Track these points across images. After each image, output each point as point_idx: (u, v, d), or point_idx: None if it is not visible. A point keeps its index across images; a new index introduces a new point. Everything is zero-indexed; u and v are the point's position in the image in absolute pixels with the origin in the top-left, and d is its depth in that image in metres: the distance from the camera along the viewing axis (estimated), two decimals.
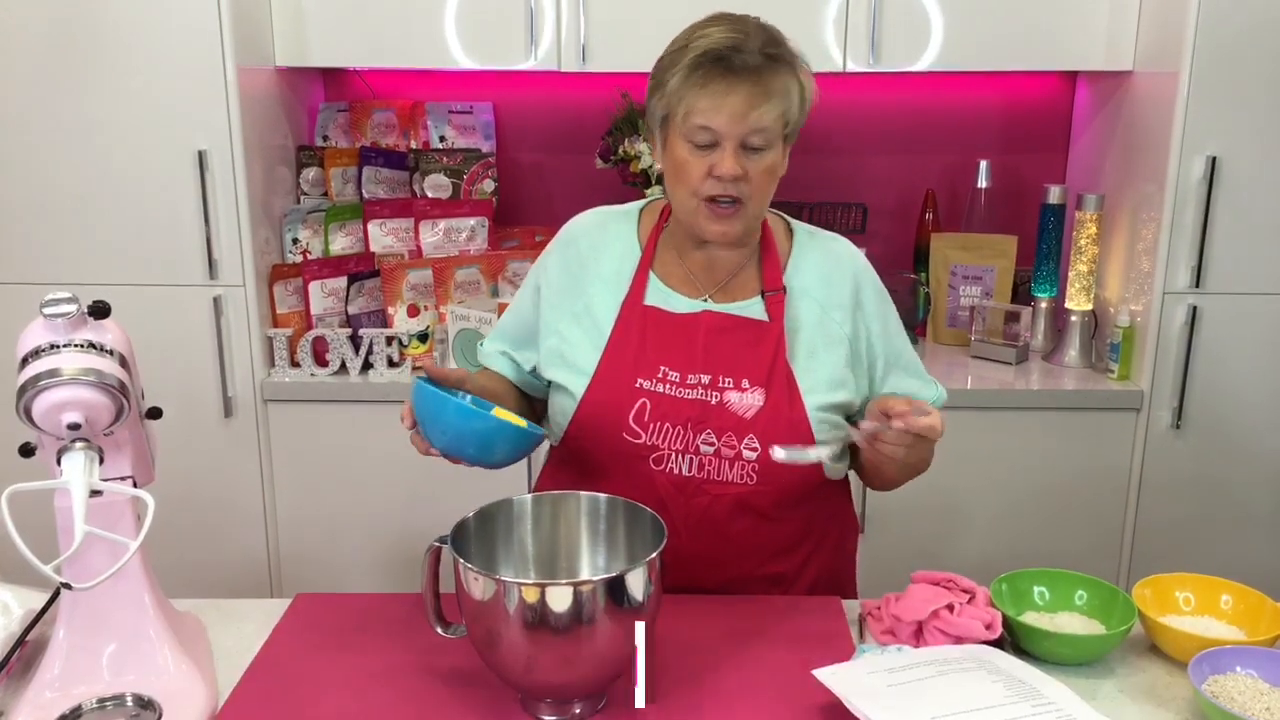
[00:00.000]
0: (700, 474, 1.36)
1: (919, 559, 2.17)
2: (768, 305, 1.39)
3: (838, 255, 1.46)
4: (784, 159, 1.36)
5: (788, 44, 1.33)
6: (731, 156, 1.28)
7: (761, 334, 1.37)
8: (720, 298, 1.40)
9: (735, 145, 1.29)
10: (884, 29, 2.34)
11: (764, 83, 1.28)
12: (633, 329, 1.38)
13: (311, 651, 1.26)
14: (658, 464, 1.35)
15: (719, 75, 1.27)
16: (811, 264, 1.44)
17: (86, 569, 1.10)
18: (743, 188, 1.30)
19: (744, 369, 1.36)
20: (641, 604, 1.08)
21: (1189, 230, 2.24)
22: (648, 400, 1.35)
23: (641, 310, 1.39)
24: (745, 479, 1.36)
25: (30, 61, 2.20)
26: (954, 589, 1.30)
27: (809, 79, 1.34)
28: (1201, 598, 1.32)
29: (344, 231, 2.53)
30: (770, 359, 1.36)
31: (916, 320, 2.74)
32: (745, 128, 1.28)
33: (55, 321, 1.09)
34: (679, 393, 1.35)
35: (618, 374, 1.37)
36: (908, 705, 1.08)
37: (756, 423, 1.35)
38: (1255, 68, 2.16)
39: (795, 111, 1.32)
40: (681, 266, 1.42)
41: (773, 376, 1.36)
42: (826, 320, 1.41)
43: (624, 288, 1.41)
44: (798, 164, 2.69)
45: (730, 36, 1.28)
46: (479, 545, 1.18)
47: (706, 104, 1.27)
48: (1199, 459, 2.35)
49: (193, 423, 2.33)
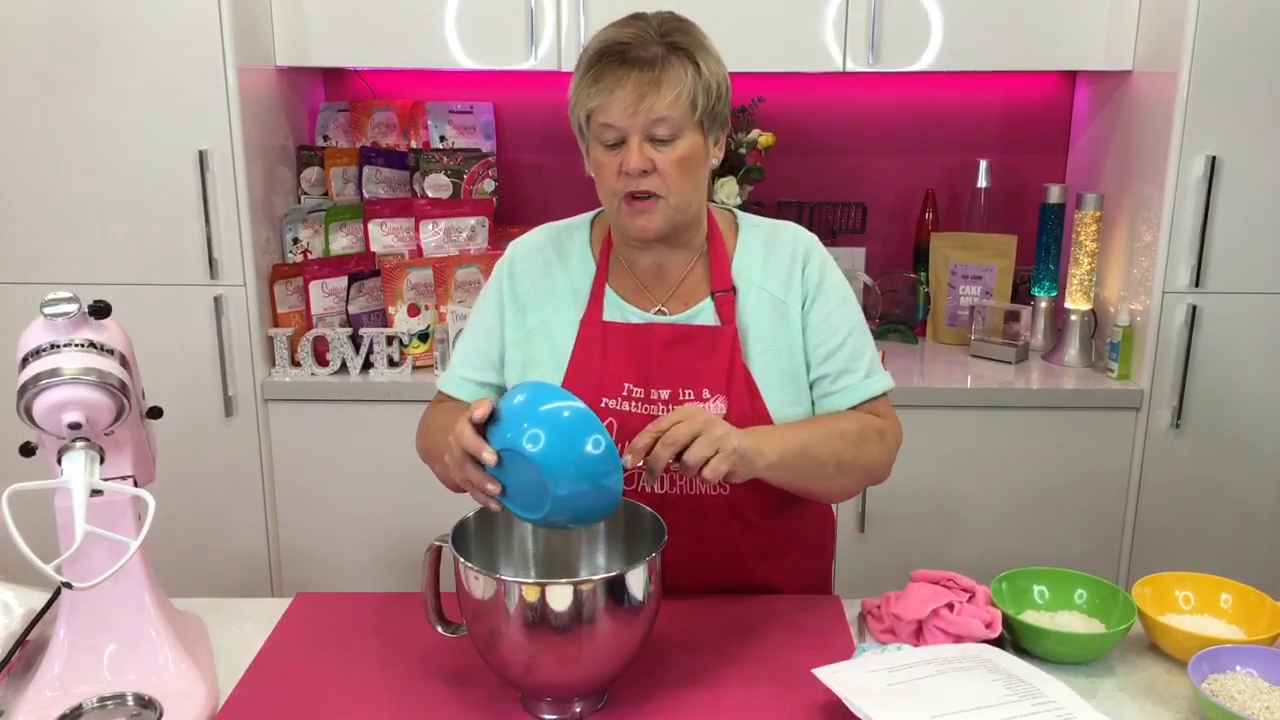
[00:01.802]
0: (674, 489, 1.34)
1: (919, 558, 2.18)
2: (718, 307, 1.37)
3: (781, 238, 1.41)
4: (710, 148, 1.33)
5: (693, 33, 1.30)
6: (636, 150, 1.26)
7: (715, 340, 1.35)
8: (673, 305, 1.38)
9: (640, 138, 1.26)
10: (884, 29, 2.34)
11: (656, 72, 1.25)
12: (594, 347, 1.36)
13: (311, 651, 1.27)
14: (627, 483, 1.32)
15: (611, 70, 1.26)
16: (756, 253, 1.40)
17: (87, 568, 1.11)
18: (654, 181, 1.28)
19: (702, 379, 1.34)
20: (642, 603, 1.08)
21: (1189, 230, 2.24)
22: (614, 420, 1.33)
23: (601, 327, 1.37)
24: (719, 489, 1.33)
25: (30, 61, 2.20)
26: (954, 588, 1.30)
27: (713, 63, 1.29)
28: (1201, 597, 1.32)
29: (344, 231, 2.53)
30: (727, 364, 1.34)
31: (917, 320, 2.75)
32: (644, 119, 1.25)
33: (56, 321, 1.09)
34: (645, 409, 1.33)
35: (583, 393, 1.30)
36: (908, 704, 1.08)
37: None
38: (1255, 67, 2.16)
39: (702, 97, 1.27)
40: (633, 277, 1.40)
41: (731, 382, 1.34)
42: (779, 308, 1.37)
43: (582, 304, 1.38)
44: (798, 164, 2.74)
45: (624, 31, 1.27)
46: (479, 545, 1.18)
47: (601, 100, 1.26)
48: (1199, 458, 2.35)
49: (193, 422, 2.33)
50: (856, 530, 2.39)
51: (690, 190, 1.31)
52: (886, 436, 1.38)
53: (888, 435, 1.39)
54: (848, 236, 2.78)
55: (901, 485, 2.35)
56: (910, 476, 2.36)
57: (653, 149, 1.27)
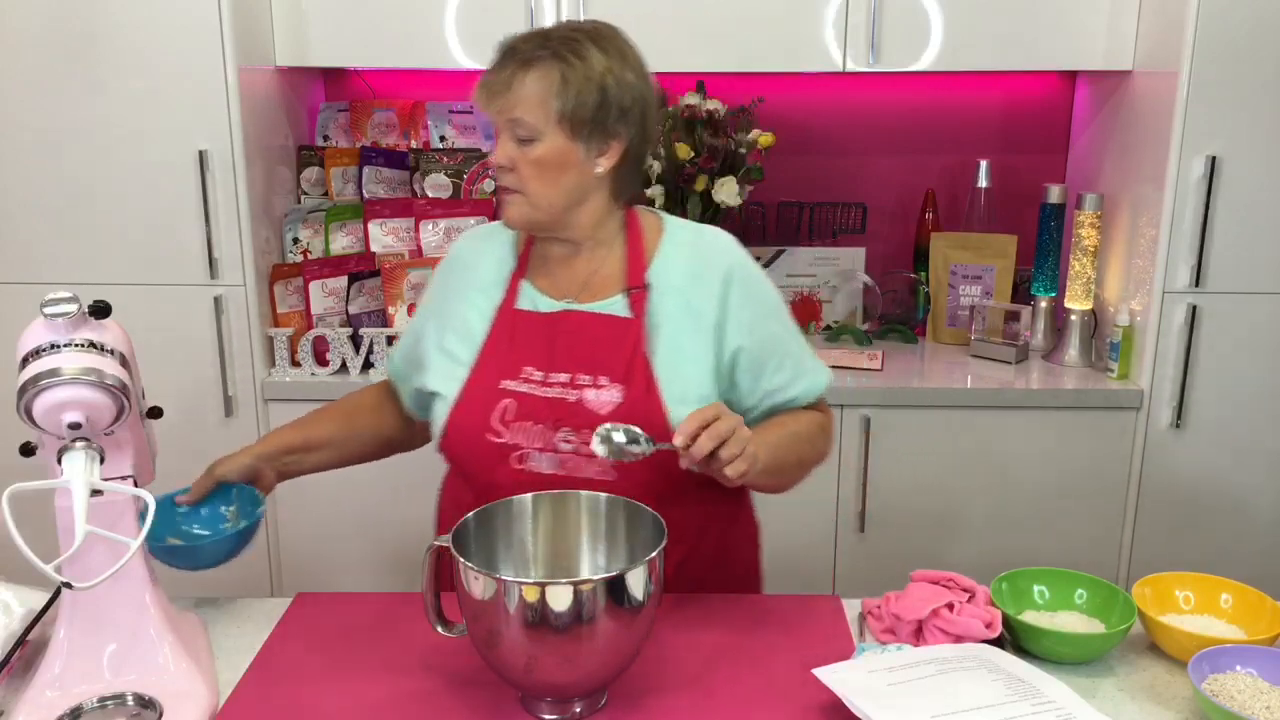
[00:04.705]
0: (562, 471, 1.35)
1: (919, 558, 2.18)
2: (630, 302, 1.39)
3: (708, 248, 1.42)
4: (582, 154, 1.33)
5: (585, 40, 1.32)
6: (500, 145, 1.33)
7: (621, 331, 1.37)
8: (584, 297, 1.41)
9: (506, 135, 1.33)
10: (884, 29, 2.34)
11: (516, 73, 1.30)
12: (504, 333, 1.40)
13: (311, 651, 1.27)
14: (519, 462, 1.35)
15: (492, 65, 1.34)
16: (680, 260, 1.41)
17: (87, 568, 1.11)
18: (511, 177, 1.34)
19: (602, 366, 1.36)
20: (641, 603, 1.08)
21: (1189, 229, 2.24)
22: (512, 400, 1.36)
23: (512, 315, 1.41)
24: (604, 475, 1.35)
25: (30, 61, 2.20)
26: (954, 588, 1.30)
27: (583, 71, 1.30)
28: (1201, 596, 1.32)
29: (344, 231, 2.53)
30: (629, 356, 1.36)
31: (917, 320, 2.75)
32: (503, 116, 1.32)
33: (56, 321, 1.09)
34: (541, 391, 1.36)
35: (486, 377, 1.39)
36: (908, 704, 1.08)
37: (613, 419, 1.32)
38: (1255, 67, 2.16)
39: (558, 102, 1.29)
40: (548, 268, 1.43)
41: (631, 373, 1.35)
42: (692, 314, 1.38)
43: (499, 295, 1.43)
44: (798, 164, 2.74)
45: (526, 34, 1.34)
46: (479, 545, 1.18)
47: (481, 96, 1.34)
48: (1199, 458, 2.35)
49: (193, 422, 2.33)
50: (856, 530, 2.39)
51: (550, 192, 1.34)
52: (828, 429, 1.49)
53: (828, 428, 1.49)
54: (848, 236, 2.78)
55: (901, 485, 2.37)
56: (910, 476, 2.37)
57: (516, 147, 1.32)
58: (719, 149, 2.41)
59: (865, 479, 2.36)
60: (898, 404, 2.33)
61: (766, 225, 2.79)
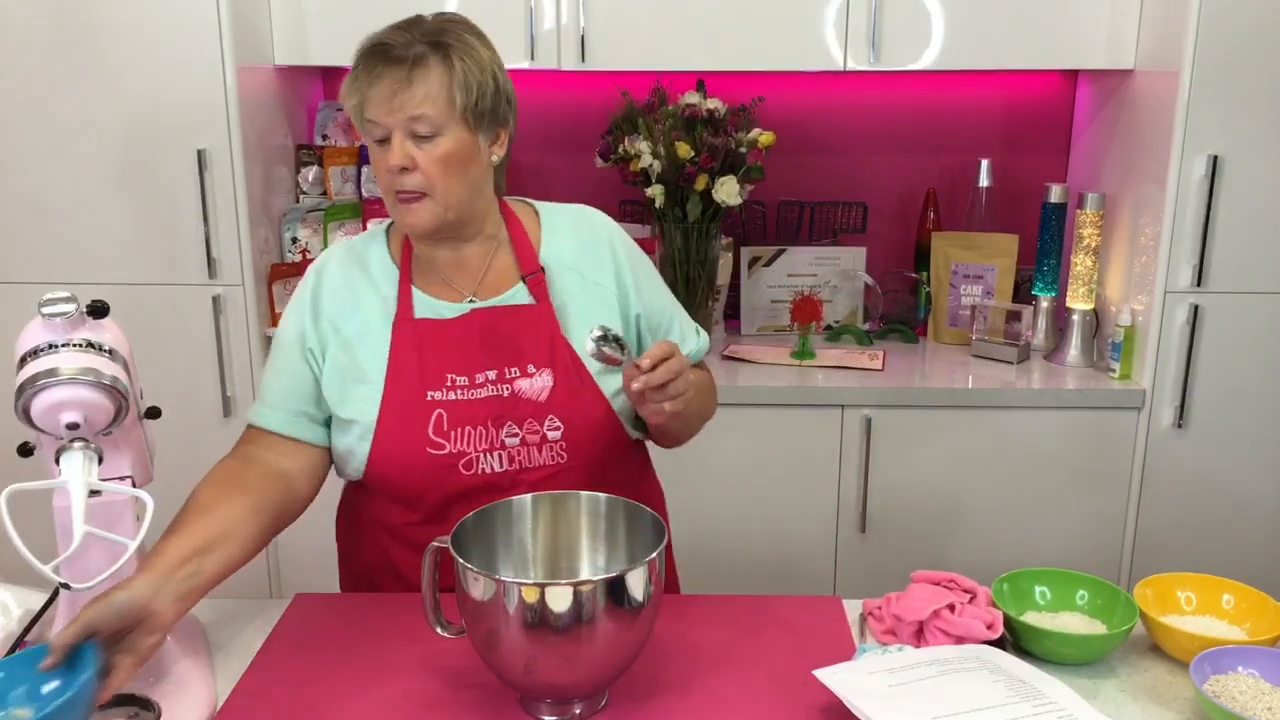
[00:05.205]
0: (512, 465, 1.35)
1: (920, 559, 2.18)
2: (530, 288, 1.40)
3: (590, 224, 1.47)
4: (483, 145, 1.35)
5: (456, 32, 1.32)
6: (397, 147, 1.28)
7: (533, 317, 1.38)
8: (484, 293, 1.40)
9: (401, 135, 1.28)
10: (884, 28, 2.34)
11: (412, 69, 1.27)
12: (408, 345, 1.36)
13: (311, 651, 1.26)
14: (468, 468, 1.34)
15: (372, 66, 1.29)
16: (565, 238, 1.44)
17: (85, 569, 1.10)
18: (416, 179, 1.30)
19: (526, 355, 1.37)
20: (641, 603, 1.08)
21: (1190, 229, 2.24)
22: (442, 410, 1.34)
23: (413, 325, 1.37)
24: (556, 458, 1.36)
25: (30, 61, 2.19)
26: (955, 589, 1.30)
27: (476, 62, 1.31)
28: (1203, 597, 1.32)
29: (343, 231, 2.53)
30: (548, 339, 1.37)
31: (918, 320, 2.74)
32: (402, 116, 1.27)
33: (54, 321, 1.09)
34: (471, 394, 1.35)
35: (406, 391, 1.34)
36: (909, 705, 1.08)
37: (552, 403, 1.35)
38: (1257, 66, 2.16)
39: (460, 94, 1.29)
40: (436, 273, 1.41)
41: (555, 355, 1.37)
42: (592, 287, 1.42)
43: (391, 308, 1.38)
44: (798, 164, 2.74)
45: (392, 33, 1.30)
46: (479, 545, 1.18)
47: (360, 98, 1.29)
48: (1201, 458, 2.34)
49: (192, 422, 2.32)
50: (857, 530, 2.39)
51: (457, 188, 1.33)
52: (715, 388, 1.55)
53: (715, 387, 1.55)
54: (848, 236, 2.78)
55: (902, 485, 2.37)
56: (911, 476, 2.37)
57: (415, 146, 1.29)
58: (719, 148, 2.41)
59: (866, 479, 2.36)
60: (899, 404, 2.33)
61: (767, 225, 2.78)
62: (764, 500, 2.37)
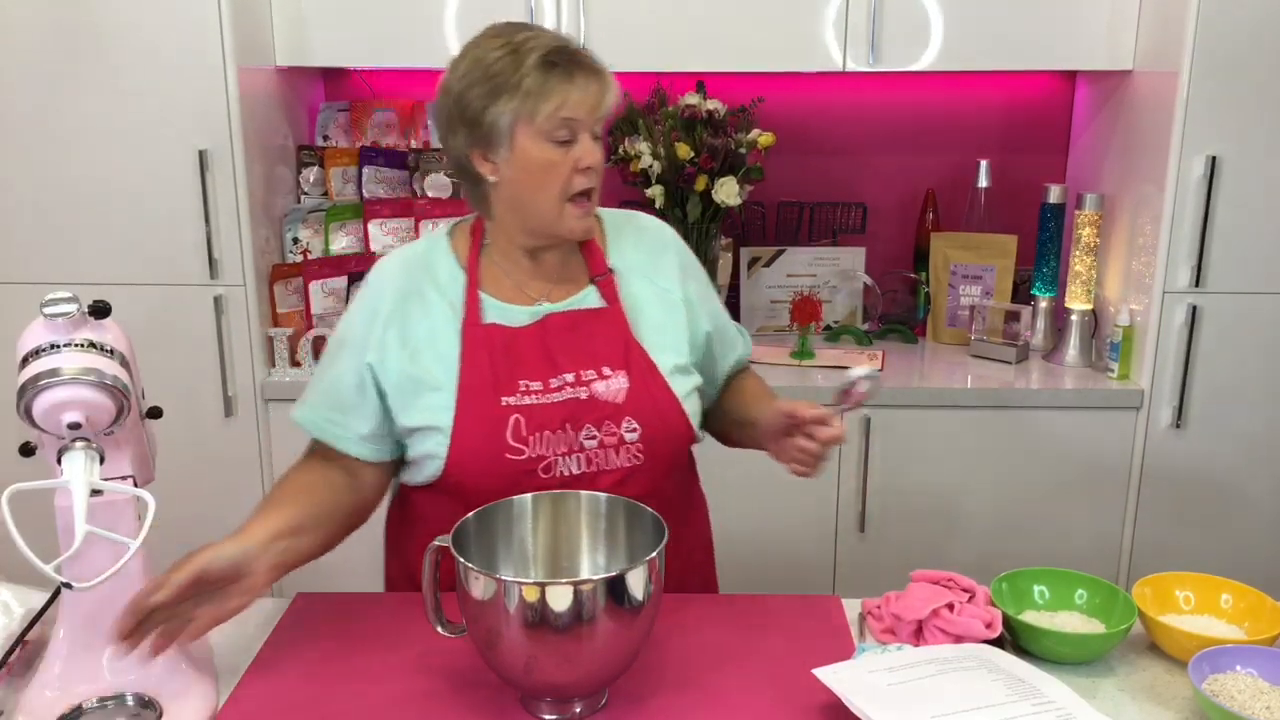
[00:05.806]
0: (590, 468, 1.36)
1: (919, 558, 2.18)
2: (601, 290, 1.41)
3: (652, 229, 1.50)
4: None
5: None
6: (590, 144, 1.32)
7: (605, 319, 1.40)
8: (555, 296, 1.41)
9: (590, 135, 1.32)
10: (884, 29, 2.34)
11: (602, 73, 1.32)
12: (480, 350, 1.35)
13: (311, 651, 1.26)
14: (546, 472, 1.34)
15: (574, 69, 1.30)
16: (630, 242, 1.47)
17: (87, 569, 1.10)
18: (594, 177, 1.34)
19: (600, 357, 1.37)
20: (641, 603, 1.08)
21: (1189, 229, 2.24)
22: (520, 415, 1.33)
23: (484, 330, 1.36)
24: (633, 459, 1.37)
25: (30, 61, 2.20)
26: (954, 588, 1.30)
27: None
28: (1201, 597, 1.32)
29: (344, 231, 2.53)
30: (621, 340, 1.39)
31: (917, 320, 2.75)
32: (599, 115, 1.32)
33: (56, 321, 1.09)
34: (547, 399, 1.34)
35: (480, 397, 1.33)
36: (908, 704, 1.08)
37: (628, 404, 1.36)
38: (1255, 67, 2.16)
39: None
40: (509, 277, 1.40)
41: (629, 356, 1.38)
42: (660, 291, 1.44)
43: (459, 313, 1.37)
44: (798, 164, 2.74)
45: (555, 36, 1.33)
46: (479, 545, 1.18)
47: (572, 97, 1.29)
48: (1199, 458, 2.35)
49: (193, 422, 2.33)
50: (857, 530, 2.39)
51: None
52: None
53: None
54: (848, 236, 2.78)
55: (902, 485, 2.37)
56: (910, 476, 2.37)
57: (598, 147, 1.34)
58: (719, 149, 2.41)
59: (865, 479, 2.36)
60: (898, 404, 2.33)
61: (766, 225, 2.79)
62: (763, 500, 2.37)
